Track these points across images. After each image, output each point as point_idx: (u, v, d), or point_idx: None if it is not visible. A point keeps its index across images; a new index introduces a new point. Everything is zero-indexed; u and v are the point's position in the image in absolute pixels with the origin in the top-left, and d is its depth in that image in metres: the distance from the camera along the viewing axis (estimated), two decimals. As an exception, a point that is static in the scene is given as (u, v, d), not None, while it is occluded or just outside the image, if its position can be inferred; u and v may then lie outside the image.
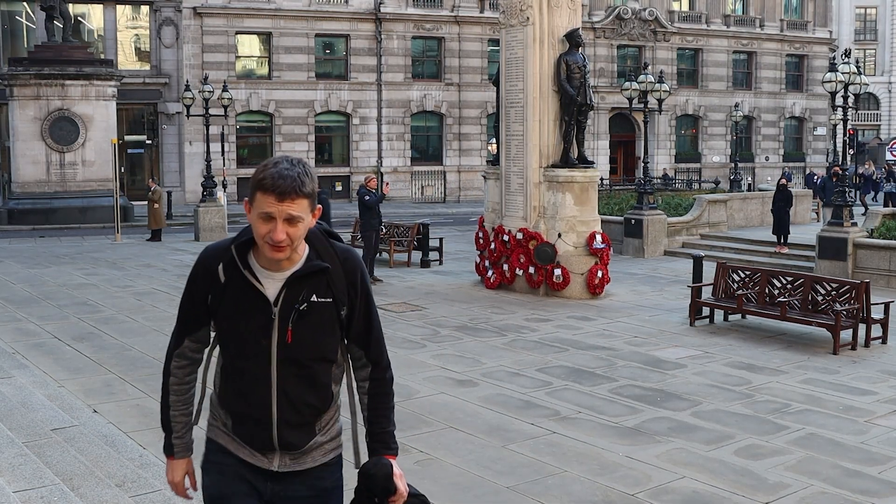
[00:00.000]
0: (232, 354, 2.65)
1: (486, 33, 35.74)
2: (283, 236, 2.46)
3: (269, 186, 2.44)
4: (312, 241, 2.65)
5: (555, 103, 13.43)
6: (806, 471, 6.01)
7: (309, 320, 2.59)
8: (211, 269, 2.65)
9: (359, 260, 2.72)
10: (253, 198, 2.50)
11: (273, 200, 2.44)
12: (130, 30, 33.19)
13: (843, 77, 16.55)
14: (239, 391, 2.66)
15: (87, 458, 5.70)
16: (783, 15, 43.37)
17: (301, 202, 2.47)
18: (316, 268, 2.61)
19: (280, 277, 2.59)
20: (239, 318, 2.60)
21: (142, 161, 33.68)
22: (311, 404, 2.66)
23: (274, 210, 2.45)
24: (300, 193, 2.46)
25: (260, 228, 2.49)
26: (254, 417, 2.65)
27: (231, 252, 2.62)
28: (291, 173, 2.46)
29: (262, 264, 2.60)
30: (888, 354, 9.81)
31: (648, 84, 20.40)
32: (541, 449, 6.34)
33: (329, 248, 2.68)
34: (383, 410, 2.80)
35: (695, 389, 8.07)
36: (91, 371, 8.39)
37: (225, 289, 2.61)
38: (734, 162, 32.48)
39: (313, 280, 2.60)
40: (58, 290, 13.39)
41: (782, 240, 18.20)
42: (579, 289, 13.16)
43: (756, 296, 10.88)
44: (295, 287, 2.58)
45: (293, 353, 2.59)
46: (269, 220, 2.46)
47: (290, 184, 2.44)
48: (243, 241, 2.62)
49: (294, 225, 2.48)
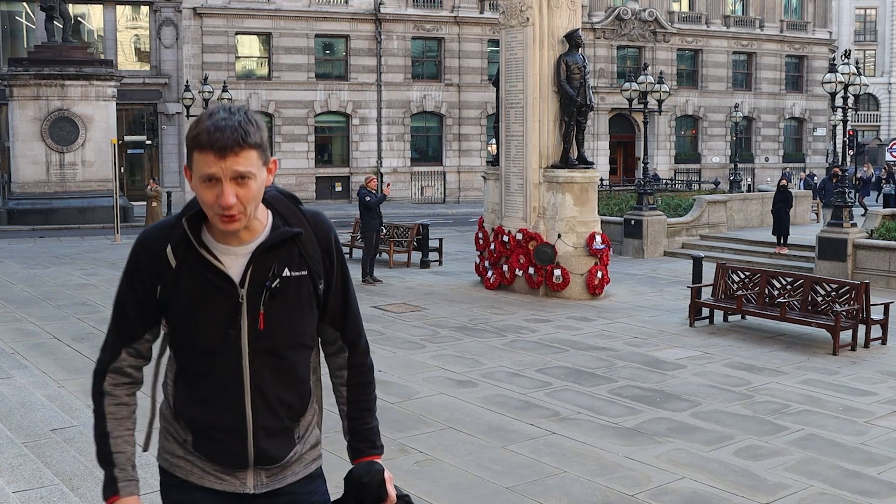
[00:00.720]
0: (191, 353, 2.20)
1: (486, 34, 35.75)
2: (233, 199, 2.02)
3: (205, 142, 2.00)
4: (274, 204, 2.22)
5: (555, 104, 13.44)
6: (805, 471, 6.01)
7: (283, 300, 2.17)
8: (157, 254, 2.16)
9: (331, 223, 2.31)
10: (190, 160, 2.06)
11: (213, 158, 2.00)
12: (130, 30, 33.20)
13: (842, 78, 16.57)
14: (202, 397, 2.20)
15: (86, 459, 5.70)
16: (783, 16, 43.39)
17: (247, 155, 2.03)
18: (286, 234, 2.18)
19: (243, 252, 2.15)
20: (198, 308, 2.14)
21: (141, 161, 33.68)
22: (289, 404, 2.24)
23: (216, 169, 2.01)
24: (245, 144, 2.02)
25: (205, 195, 2.05)
26: (223, 427, 2.19)
27: (181, 228, 2.15)
28: (230, 122, 2.01)
29: (218, 239, 2.15)
30: (888, 355, 9.81)
31: (648, 85, 20.42)
32: (540, 449, 6.34)
33: (296, 211, 2.25)
34: (366, 403, 2.41)
35: (694, 390, 8.07)
36: (91, 371, 8.37)
37: (178, 275, 2.14)
38: (734, 163, 32.49)
39: (283, 251, 2.18)
40: (57, 290, 13.39)
41: (782, 240, 18.20)
42: (579, 289, 13.16)
43: (756, 296, 10.89)
44: (262, 261, 2.15)
45: (267, 341, 2.17)
46: (214, 183, 2.03)
47: (230, 135, 2.00)
48: (193, 213, 2.16)
49: (244, 185, 2.04)
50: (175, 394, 2.26)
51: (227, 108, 2.07)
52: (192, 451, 2.24)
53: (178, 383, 2.25)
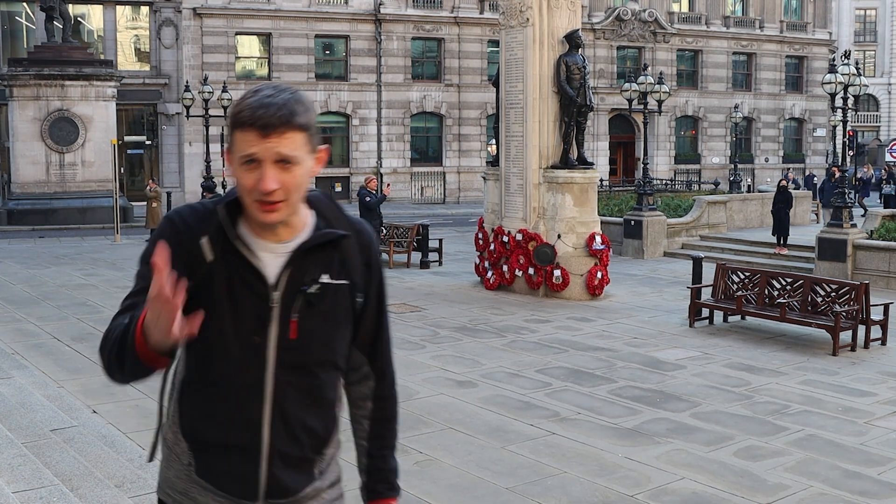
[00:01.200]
0: (206, 358, 1.92)
1: (486, 34, 35.75)
2: (274, 184, 1.80)
3: (247, 120, 1.80)
4: (316, 204, 2.00)
5: (554, 104, 13.44)
6: (805, 472, 6.01)
7: (319, 309, 1.93)
8: (191, 245, 1.89)
9: (374, 235, 2.10)
10: (232, 141, 1.86)
11: (255, 137, 1.80)
12: (130, 30, 33.20)
13: (842, 78, 16.58)
14: (213, 412, 1.93)
15: (86, 459, 5.70)
16: (783, 16, 43.40)
17: (294, 137, 1.82)
18: (332, 236, 1.94)
19: (282, 250, 1.92)
20: (224, 308, 1.89)
21: (141, 162, 33.69)
22: (312, 430, 1.97)
23: (257, 150, 1.80)
24: (291, 124, 1.81)
25: (244, 179, 1.83)
26: (233, 446, 1.93)
27: (218, 217, 1.90)
28: (276, 100, 1.81)
29: (255, 233, 1.92)
30: (887, 356, 9.82)
31: (648, 85, 20.42)
32: (540, 450, 6.34)
33: (340, 214, 2.02)
34: (389, 440, 2.17)
35: (694, 390, 8.07)
36: (90, 371, 8.38)
37: (212, 271, 1.88)
38: (734, 163, 32.51)
39: (324, 255, 1.95)
40: (57, 290, 13.39)
41: (782, 241, 18.21)
42: (579, 290, 13.16)
43: (755, 297, 10.89)
44: (301, 263, 1.92)
45: (297, 354, 1.92)
46: (254, 166, 1.81)
47: (275, 112, 1.79)
48: (230, 200, 1.91)
49: (288, 170, 1.82)
50: (179, 408, 1.99)
51: (274, 85, 1.86)
52: (194, 479, 1.97)
53: (184, 393, 1.98)
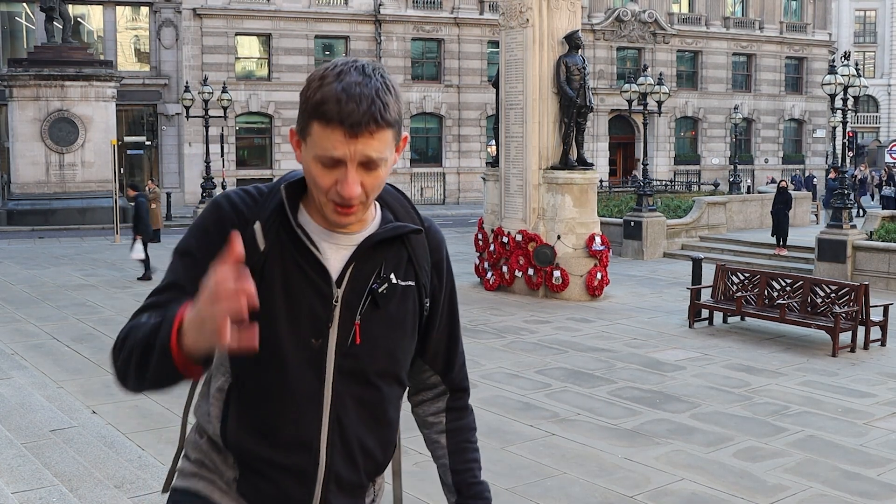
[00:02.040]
0: (256, 362, 1.61)
1: (486, 35, 35.76)
2: (358, 190, 1.57)
3: (333, 114, 1.52)
4: (384, 196, 1.76)
5: (554, 105, 13.44)
6: (805, 473, 6.01)
7: (384, 312, 1.69)
8: (243, 226, 1.63)
9: (442, 235, 1.86)
10: (307, 130, 1.57)
11: (342, 137, 1.53)
12: (130, 31, 33.21)
13: (842, 79, 16.59)
14: (264, 427, 1.66)
15: (85, 459, 5.70)
16: (783, 17, 43.41)
17: (383, 136, 1.56)
18: (403, 230, 1.71)
19: (347, 243, 1.67)
20: (280, 307, 1.63)
21: (141, 162, 33.69)
22: (370, 452, 1.74)
23: (344, 152, 1.54)
24: (382, 122, 1.55)
25: (321, 179, 1.58)
26: (286, 468, 1.67)
27: (277, 198, 1.66)
28: (367, 90, 1.53)
29: (317, 220, 1.67)
30: (887, 357, 9.82)
31: (648, 86, 20.43)
32: (540, 451, 6.34)
33: (410, 209, 1.79)
34: (473, 452, 1.94)
35: (694, 391, 8.07)
36: (90, 372, 8.39)
37: (266, 261, 1.63)
38: (733, 164, 32.52)
39: (392, 251, 1.71)
40: (57, 290, 13.39)
41: (781, 242, 18.21)
42: (578, 291, 13.16)
43: (755, 298, 10.89)
44: (368, 258, 1.68)
45: (359, 362, 1.67)
46: (335, 167, 1.56)
47: (367, 109, 1.52)
48: (294, 181, 1.69)
49: (372, 172, 1.59)
50: (219, 416, 1.70)
51: (360, 66, 1.56)
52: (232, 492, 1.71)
53: (230, 402, 1.69)
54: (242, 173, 32.43)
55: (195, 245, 1.65)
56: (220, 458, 1.71)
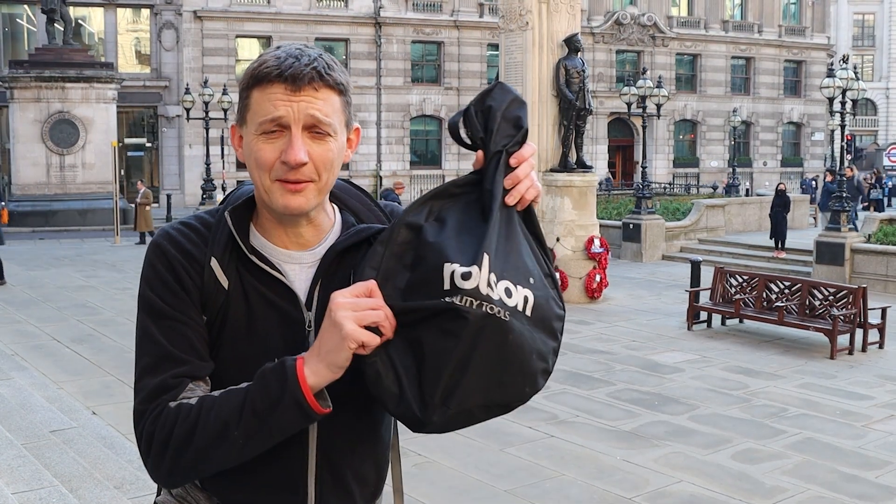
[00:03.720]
0: None
1: (486, 38, 35.82)
2: (305, 157, 1.40)
3: (272, 71, 1.39)
4: (341, 196, 1.59)
5: (554, 108, 13.47)
6: (803, 475, 6.03)
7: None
8: (196, 269, 1.47)
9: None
10: (246, 106, 1.43)
11: (282, 93, 1.39)
12: (131, 33, 33.26)
13: (840, 83, 16.62)
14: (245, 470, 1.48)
15: (85, 460, 5.72)
16: (781, 21, 43.49)
17: (329, 97, 1.42)
18: (366, 232, 1.51)
19: (309, 259, 1.51)
20: (249, 339, 1.48)
21: (141, 164, 33.72)
22: (364, 478, 1.60)
23: (286, 110, 1.39)
24: (327, 80, 1.41)
25: (263, 153, 1.41)
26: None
27: (223, 228, 1.49)
28: (307, 53, 1.42)
29: (274, 240, 1.51)
30: (885, 359, 9.84)
31: (647, 89, 20.48)
32: (538, 452, 6.36)
33: (371, 206, 1.62)
34: None
35: (692, 393, 8.09)
36: (90, 373, 8.40)
37: (229, 298, 1.47)
38: (732, 167, 32.56)
39: (358, 258, 1.49)
40: (57, 292, 13.40)
41: (780, 244, 18.23)
42: (577, 293, 13.18)
43: (753, 300, 10.91)
44: (334, 272, 1.50)
45: (341, 387, 1.42)
46: (278, 135, 1.41)
47: (308, 62, 1.40)
48: (239, 204, 1.51)
49: (321, 141, 1.42)
50: None
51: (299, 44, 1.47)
52: None
53: None
54: (242, 175, 32.41)
55: (162, 302, 1.47)
56: (203, 495, 1.56)
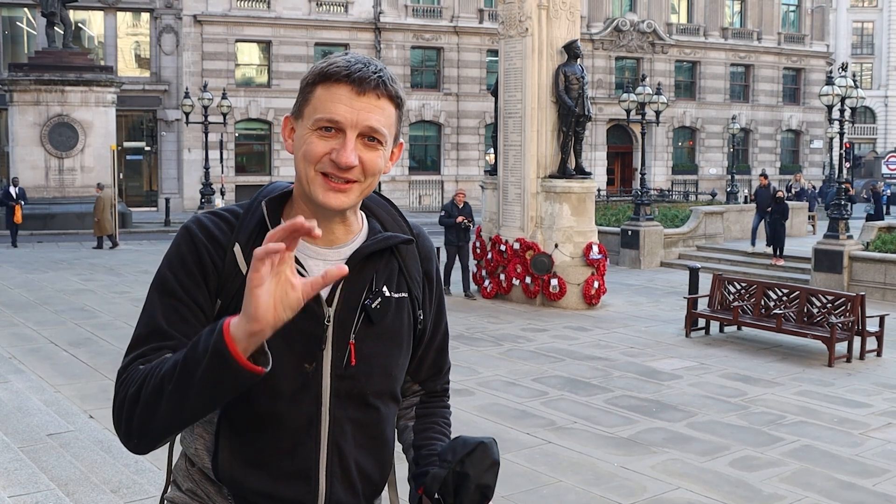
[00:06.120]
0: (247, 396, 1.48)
1: (485, 44, 35.88)
2: (356, 161, 1.47)
3: (341, 72, 1.46)
4: (370, 205, 1.68)
5: (553, 114, 13.49)
6: (800, 483, 6.02)
7: (379, 329, 1.61)
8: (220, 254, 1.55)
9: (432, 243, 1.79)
10: (307, 99, 1.50)
11: (347, 94, 1.46)
12: (131, 37, 33.29)
13: (839, 91, 16.66)
14: (259, 458, 1.57)
15: (82, 464, 5.70)
16: (781, 28, 43.60)
17: (387, 109, 1.52)
18: (394, 240, 1.62)
19: (334, 257, 1.57)
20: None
21: (140, 168, 33.72)
22: (368, 476, 1.66)
23: (346, 111, 1.46)
24: (391, 90, 1.51)
25: (315, 145, 1.47)
26: (283, 498, 1.59)
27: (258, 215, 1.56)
28: (375, 64, 1.52)
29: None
30: (883, 367, 9.84)
31: (646, 96, 20.51)
32: (536, 458, 6.35)
33: (398, 218, 1.72)
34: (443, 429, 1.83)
35: (690, 400, 8.09)
36: (87, 376, 8.39)
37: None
38: (731, 174, 32.61)
39: (382, 263, 1.62)
40: (55, 295, 13.39)
41: (778, 252, 18.25)
42: (576, 299, 13.18)
43: (752, 307, 10.92)
44: (358, 273, 1.58)
45: (355, 384, 1.58)
46: (333, 134, 1.48)
47: (375, 71, 1.49)
48: (275, 196, 1.59)
49: (372, 149, 1.50)
50: (217, 447, 1.59)
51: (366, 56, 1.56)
52: None
53: (220, 434, 1.59)
54: (241, 179, 32.47)
55: (175, 281, 1.53)
56: (214, 488, 1.62)
